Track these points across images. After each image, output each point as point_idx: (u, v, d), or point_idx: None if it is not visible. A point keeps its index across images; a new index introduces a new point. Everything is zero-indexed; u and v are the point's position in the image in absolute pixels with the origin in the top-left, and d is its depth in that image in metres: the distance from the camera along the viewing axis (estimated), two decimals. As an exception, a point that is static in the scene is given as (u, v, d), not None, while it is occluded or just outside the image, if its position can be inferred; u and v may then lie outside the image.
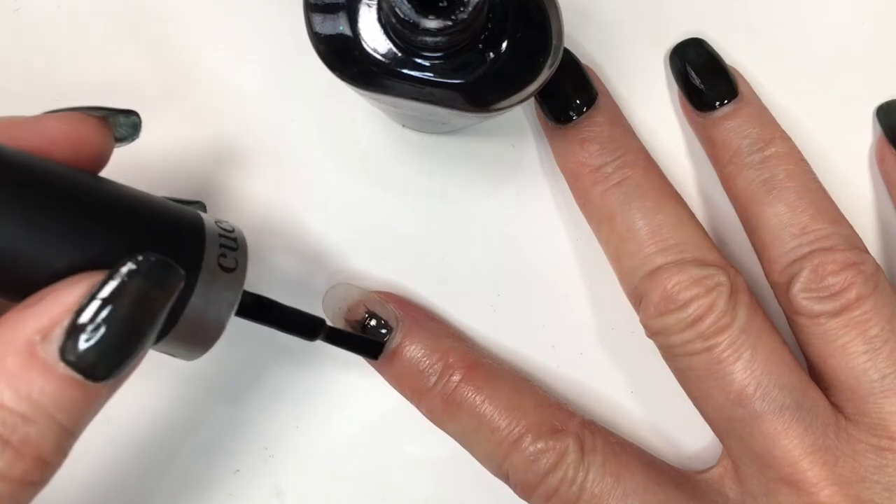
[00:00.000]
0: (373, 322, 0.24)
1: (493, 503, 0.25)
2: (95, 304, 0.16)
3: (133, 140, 0.21)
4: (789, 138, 0.25)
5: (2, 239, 0.16)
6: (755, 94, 0.26)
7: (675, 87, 0.27)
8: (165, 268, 0.17)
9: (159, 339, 0.18)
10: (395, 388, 0.25)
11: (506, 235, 0.27)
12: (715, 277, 0.22)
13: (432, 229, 0.27)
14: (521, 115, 0.27)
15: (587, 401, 0.26)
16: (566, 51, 0.25)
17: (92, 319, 0.16)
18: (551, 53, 0.20)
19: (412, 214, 0.27)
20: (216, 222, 0.20)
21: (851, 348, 0.22)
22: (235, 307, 0.20)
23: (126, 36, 0.27)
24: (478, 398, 0.23)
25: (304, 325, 0.22)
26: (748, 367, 0.22)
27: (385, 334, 0.24)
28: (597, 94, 0.25)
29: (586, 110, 0.24)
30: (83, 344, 0.16)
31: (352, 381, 0.26)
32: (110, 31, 0.27)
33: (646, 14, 0.27)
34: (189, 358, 0.20)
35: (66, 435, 0.16)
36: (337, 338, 0.23)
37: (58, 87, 0.26)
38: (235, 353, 0.26)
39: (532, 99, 0.26)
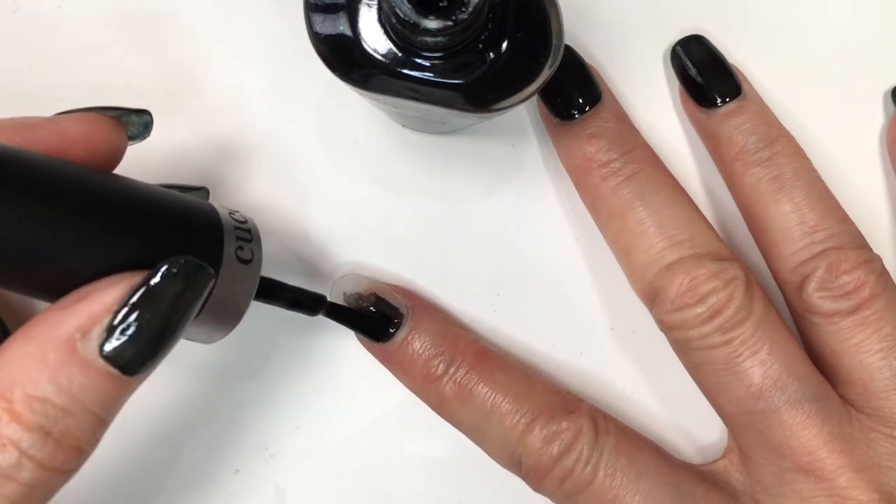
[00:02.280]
0: (386, 304, 0.24)
1: (493, 503, 0.26)
2: (133, 305, 0.17)
3: (144, 138, 0.22)
4: (792, 137, 0.25)
5: (39, 241, 0.16)
6: (756, 91, 0.26)
7: (676, 85, 0.27)
8: (198, 269, 0.18)
9: None
10: (402, 378, 0.24)
11: (506, 235, 0.27)
12: (731, 271, 0.22)
13: (432, 229, 0.27)
14: (521, 115, 0.27)
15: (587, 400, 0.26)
16: (569, 48, 0.25)
17: (129, 318, 0.17)
18: (551, 53, 0.20)
19: (412, 214, 0.27)
20: (230, 214, 0.21)
21: (866, 347, 0.22)
22: (253, 294, 0.21)
23: (126, 36, 0.27)
24: (490, 383, 0.23)
25: (307, 302, 0.23)
26: (767, 361, 0.22)
27: (388, 325, 0.24)
28: (601, 91, 0.25)
29: (592, 106, 0.24)
30: (120, 341, 0.17)
31: (352, 382, 0.26)
32: (110, 31, 0.27)
33: (646, 14, 0.27)
34: (209, 342, 0.21)
35: (101, 425, 0.17)
36: (338, 313, 0.23)
37: (58, 87, 0.26)
38: (236, 353, 0.26)
39: (533, 98, 0.26)
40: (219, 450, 0.26)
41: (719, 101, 0.25)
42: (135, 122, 0.21)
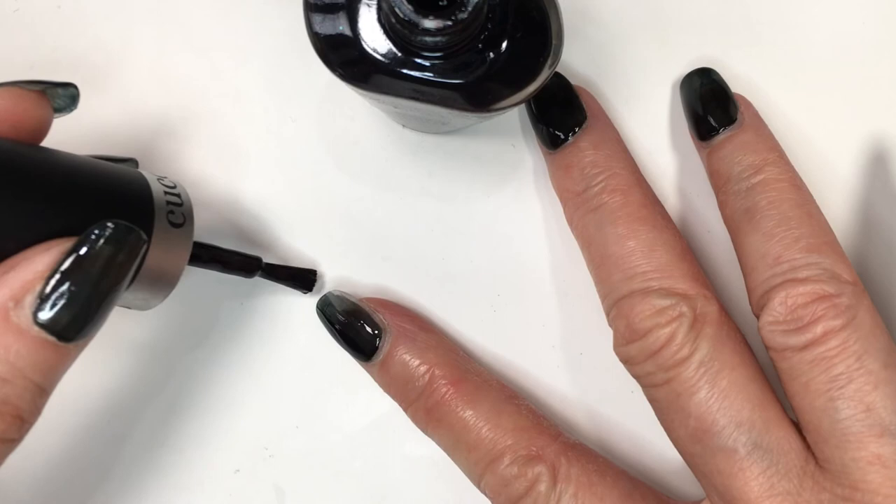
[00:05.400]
0: (366, 326, 0.24)
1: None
2: (65, 270, 0.17)
3: (72, 110, 0.21)
4: (783, 163, 0.24)
5: None
6: (757, 118, 0.25)
7: (676, 86, 0.27)
8: (129, 233, 0.18)
9: None
10: (385, 391, 0.25)
11: (506, 235, 0.27)
12: (677, 308, 0.22)
13: (432, 229, 0.27)
14: (521, 115, 0.27)
15: (587, 401, 0.26)
16: (557, 74, 0.25)
17: (62, 284, 0.17)
18: (551, 53, 0.20)
19: (412, 214, 0.27)
20: (159, 180, 0.21)
21: (814, 386, 0.21)
22: (188, 258, 0.21)
23: (126, 36, 0.27)
24: (458, 415, 0.23)
25: (242, 264, 0.24)
26: (704, 403, 0.21)
27: (377, 337, 0.24)
28: (584, 118, 0.25)
29: (573, 135, 0.25)
30: (54, 308, 0.17)
31: (352, 382, 0.26)
32: (110, 31, 0.27)
33: (646, 14, 0.27)
34: (145, 308, 0.21)
35: (41, 393, 0.17)
36: (272, 272, 0.25)
37: (58, 87, 0.27)
38: (236, 353, 0.26)
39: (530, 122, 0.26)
40: (219, 450, 0.26)
41: (711, 133, 0.25)
42: (60, 95, 0.20)
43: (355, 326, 0.24)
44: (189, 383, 0.26)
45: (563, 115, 0.25)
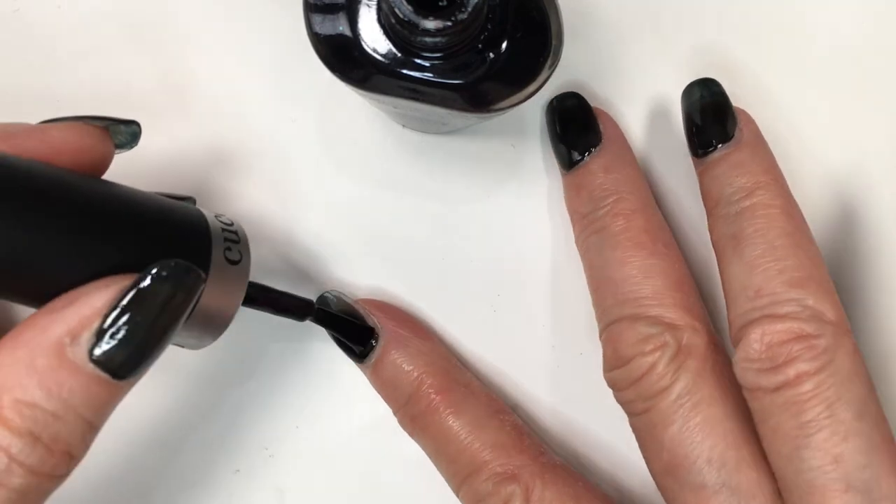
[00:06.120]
0: (361, 328, 0.24)
1: (493, 503, 0.26)
2: (123, 308, 0.17)
3: (132, 147, 0.21)
4: (777, 187, 0.22)
5: (25, 246, 0.16)
6: (756, 136, 0.24)
7: (677, 87, 0.27)
8: (188, 272, 0.18)
9: None
10: (378, 394, 0.25)
11: (506, 235, 0.27)
12: (661, 337, 0.21)
13: (432, 229, 0.27)
14: (521, 115, 0.27)
15: (586, 401, 0.26)
16: (575, 95, 0.26)
17: (119, 322, 0.17)
18: (551, 54, 0.20)
19: (412, 214, 0.27)
20: (216, 217, 0.21)
21: (782, 431, 0.20)
22: (243, 296, 0.21)
23: (126, 36, 0.27)
24: (441, 425, 0.23)
25: (294, 307, 0.23)
26: (677, 437, 0.21)
27: (370, 339, 0.24)
28: (599, 140, 0.25)
29: (587, 156, 0.25)
30: (110, 345, 0.17)
31: (352, 382, 0.26)
32: (110, 30, 0.27)
33: (646, 14, 0.27)
34: (198, 347, 0.21)
35: (91, 430, 0.17)
36: (325, 320, 0.24)
37: (57, 87, 0.26)
38: (235, 353, 0.26)
39: (542, 115, 0.26)
40: (219, 450, 0.26)
41: (707, 148, 0.24)
42: (123, 132, 0.21)
43: (350, 327, 0.24)
44: (188, 383, 0.26)
45: (577, 137, 0.25)
